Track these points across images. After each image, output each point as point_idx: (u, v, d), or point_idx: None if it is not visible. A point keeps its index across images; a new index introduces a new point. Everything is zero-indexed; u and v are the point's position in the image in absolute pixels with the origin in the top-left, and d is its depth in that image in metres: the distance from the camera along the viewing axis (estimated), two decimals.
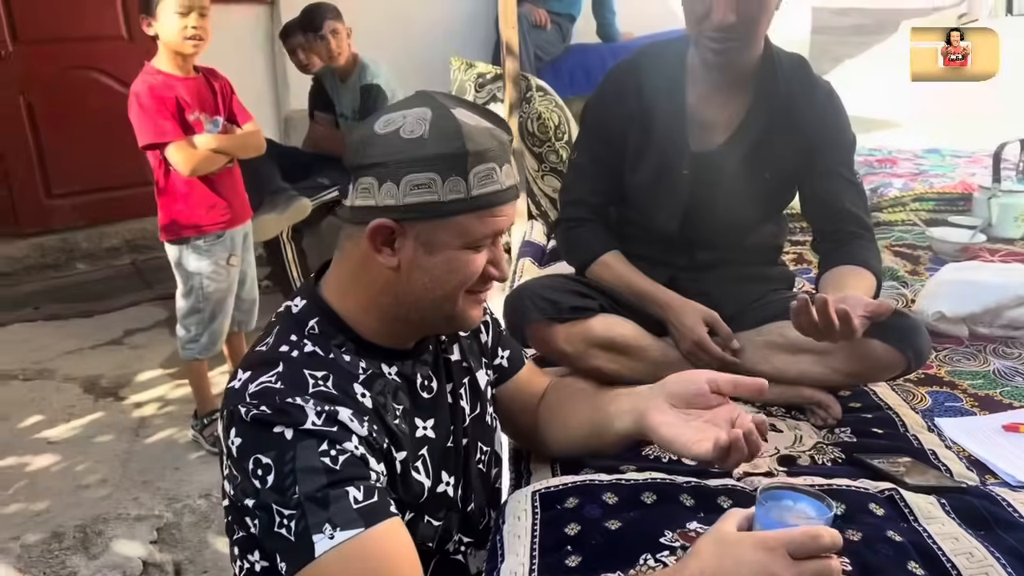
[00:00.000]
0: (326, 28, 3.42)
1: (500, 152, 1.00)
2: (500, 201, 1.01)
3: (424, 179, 0.97)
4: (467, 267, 1.02)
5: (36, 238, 4.25)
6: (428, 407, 1.10)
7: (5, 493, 2.41)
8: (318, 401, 0.94)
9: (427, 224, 0.99)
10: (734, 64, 1.54)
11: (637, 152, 1.68)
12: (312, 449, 0.91)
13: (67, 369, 3.19)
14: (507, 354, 1.30)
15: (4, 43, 4.03)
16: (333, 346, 1.03)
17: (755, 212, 1.68)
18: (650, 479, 1.24)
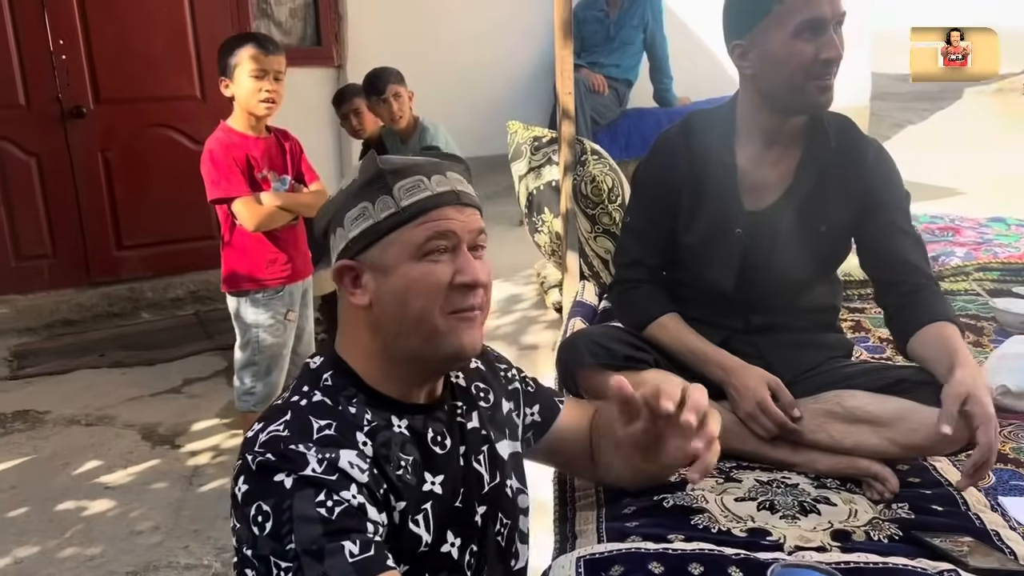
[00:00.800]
0: (389, 92, 3.53)
1: (429, 166, 1.05)
2: (433, 205, 1.02)
3: (358, 211, 1.04)
4: (426, 279, 1.02)
5: (105, 287, 4.42)
6: (439, 463, 1.09)
7: (62, 537, 2.46)
8: (320, 448, 0.96)
9: (374, 249, 1.03)
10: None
11: (689, 213, 1.69)
12: (309, 499, 0.92)
13: (127, 416, 3.27)
14: (536, 409, 1.31)
15: (87, 102, 4.25)
16: (343, 397, 1.04)
17: (811, 268, 1.67)
18: (698, 550, 1.22)
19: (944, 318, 1.53)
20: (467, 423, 1.16)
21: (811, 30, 1.47)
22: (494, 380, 1.26)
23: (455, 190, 1.05)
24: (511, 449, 1.22)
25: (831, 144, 1.60)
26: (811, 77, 1.50)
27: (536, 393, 1.33)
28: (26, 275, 4.26)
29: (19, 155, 4.17)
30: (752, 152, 1.64)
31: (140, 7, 4.30)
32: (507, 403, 1.26)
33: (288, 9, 4.69)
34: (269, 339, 2.71)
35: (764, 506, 1.41)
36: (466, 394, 1.19)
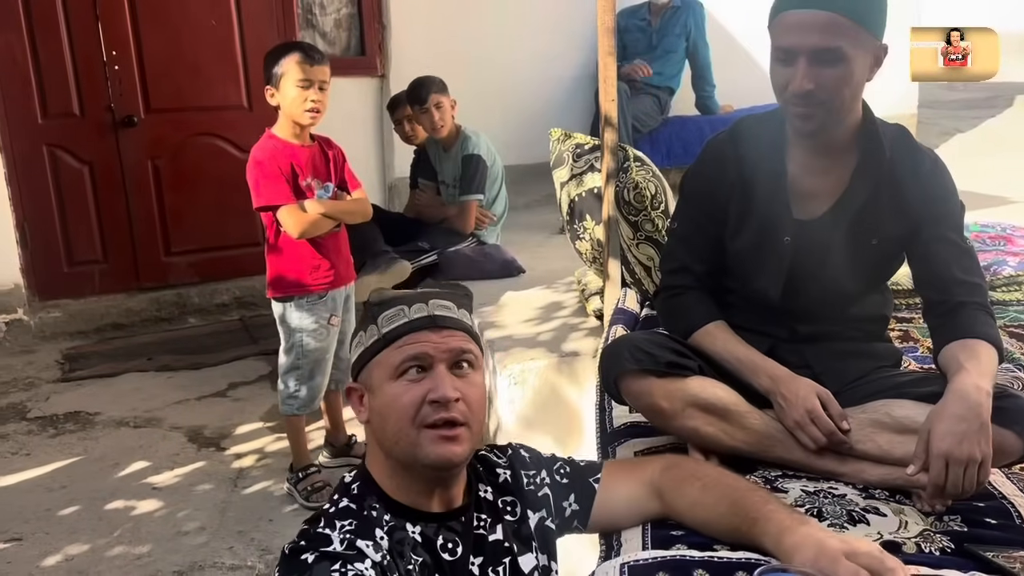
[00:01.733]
0: (431, 101, 3.56)
1: (413, 297, 1.19)
2: (407, 330, 1.15)
3: (358, 339, 1.22)
4: (400, 397, 1.13)
5: (153, 292, 4.51)
6: (447, 570, 1.15)
7: (111, 536, 2.51)
8: (343, 532, 1.08)
9: (365, 372, 1.19)
10: (825, 132, 1.54)
11: (738, 220, 1.68)
12: (325, 570, 1.02)
13: (174, 418, 3.33)
14: (572, 498, 1.33)
15: (138, 111, 4.35)
16: (366, 504, 1.15)
17: (860, 280, 1.65)
18: (744, 559, 1.20)
19: (973, 335, 1.49)
20: (489, 535, 1.22)
21: (783, 59, 1.50)
22: (520, 493, 1.29)
23: (431, 315, 1.17)
24: (537, 562, 1.24)
25: (885, 154, 1.57)
26: (787, 102, 1.52)
27: (571, 482, 1.35)
28: (78, 280, 4.37)
29: (73, 163, 4.28)
30: (803, 160, 1.62)
31: (190, 19, 4.39)
32: (536, 514, 1.29)
33: (333, 20, 4.75)
34: (313, 343, 2.75)
35: (812, 514, 1.39)
36: (492, 508, 1.25)
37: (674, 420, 1.55)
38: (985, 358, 1.46)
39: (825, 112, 1.50)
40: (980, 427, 1.34)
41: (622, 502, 1.34)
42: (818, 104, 1.48)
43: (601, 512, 1.34)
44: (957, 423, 1.34)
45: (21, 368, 3.90)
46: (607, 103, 2.36)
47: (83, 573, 2.33)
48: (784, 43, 1.49)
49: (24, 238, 4.20)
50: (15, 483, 2.84)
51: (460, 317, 1.20)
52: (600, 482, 1.35)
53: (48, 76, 4.15)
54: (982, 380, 1.40)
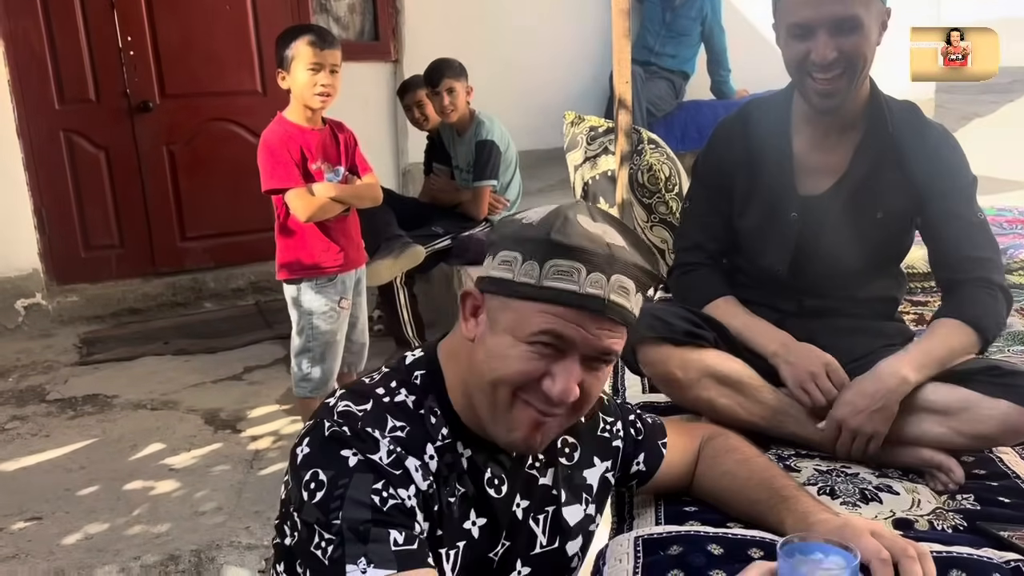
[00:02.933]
0: (443, 85, 3.56)
1: (599, 261, 0.94)
2: (568, 302, 0.93)
3: (509, 256, 0.98)
4: (513, 360, 0.96)
5: (169, 277, 4.54)
6: (489, 506, 1.05)
7: (130, 515, 2.54)
8: (393, 441, 0.96)
9: (497, 300, 0.99)
10: (844, 104, 1.55)
11: (744, 197, 1.71)
12: (367, 483, 0.92)
13: (190, 401, 3.36)
14: (641, 458, 1.27)
15: (153, 97, 4.38)
16: (427, 403, 1.03)
17: (868, 256, 1.66)
18: (758, 536, 1.21)
19: (956, 315, 1.52)
20: (539, 478, 1.11)
21: (800, 34, 1.51)
22: (589, 437, 1.19)
23: (605, 299, 0.94)
24: (583, 514, 1.16)
25: (889, 129, 1.58)
26: (806, 76, 1.52)
27: (643, 439, 1.27)
28: (95, 265, 4.40)
29: (89, 148, 4.31)
30: (808, 137, 1.64)
31: (204, 4, 4.40)
32: (603, 463, 1.20)
33: (347, 4, 4.75)
34: (323, 326, 2.76)
35: (824, 492, 1.40)
36: (549, 447, 1.11)
37: (689, 390, 1.55)
38: (943, 342, 1.50)
39: (847, 83, 1.52)
40: (881, 408, 1.43)
41: (676, 469, 1.31)
42: (840, 75, 1.50)
43: (661, 478, 1.29)
44: (860, 397, 1.45)
45: (40, 351, 3.94)
46: (621, 85, 2.36)
47: (103, 551, 2.36)
48: (799, 18, 1.50)
49: (42, 223, 4.23)
50: (35, 463, 2.88)
51: (632, 307, 0.98)
52: (667, 447, 1.30)
53: (64, 62, 4.17)
54: (911, 368, 1.45)
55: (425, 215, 3.71)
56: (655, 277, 1.02)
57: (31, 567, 2.28)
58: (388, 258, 3.32)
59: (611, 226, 1.00)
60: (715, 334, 1.61)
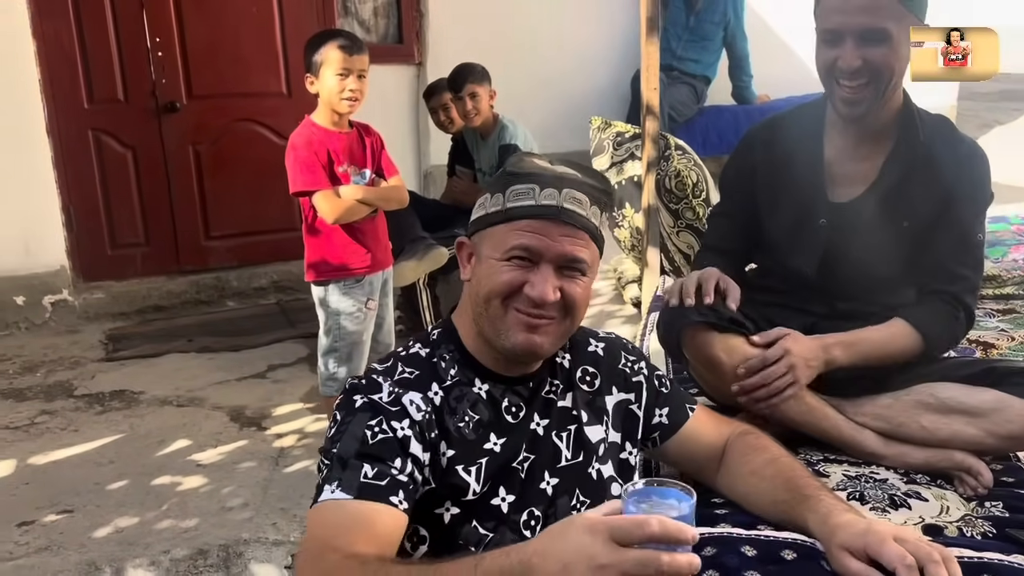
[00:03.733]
0: (465, 90, 3.59)
1: (549, 178, 1.13)
2: (529, 214, 1.12)
3: (483, 198, 1.20)
4: (497, 275, 1.13)
5: (193, 276, 4.59)
6: (506, 428, 1.19)
7: (159, 510, 2.58)
8: (395, 384, 1.14)
9: (479, 235, 1.18)
10: (870, 116, 1.58)
11: (772, 201, 1.74)
12: (364, 421, 1.09)
13: (215, 398, 3.41)
14: (665, 412, 1.33)
15: (180, 97, 4.43)
16: (441, 351, 1.20)
17: (895, 263, 1.67)
18: (790, 538, 1.23)
19: (912, 322, 1.58)
20: (557, 401, 1.24)
21: (829, 40, 1.55)
22: (610, 369, 1.31)
23: (560, 206, 1.12)
24: (605, 436, 1.26)
25: (920, 140, 1.61)
26: (834, 82, 1.56)
27: (669, 395, 1.35)
28: (121, 262, 4.46)
29: (117, 147, 4.37)
30: (841, 145, 1.67)
31: (231, 7, 4.46)
32: (622, 393, 1.30)
33: (371, 7, 4.80)
34: (350, 327, 2.80)
35: (853, 497, 1.42)
36: (566, 375, 1.27)
37: (730, 376, 1.56)
38: (885, 341, 1.58)
39: (873, 93, 1.54)
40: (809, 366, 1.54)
41: (701, 445, 1.35)
42: (866, 84, 1.53)
43: (680, 443, 1.34)
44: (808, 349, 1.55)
45: (67, 347, 4.00)
46: (649, 91, 2.38)
47: (133, 544, 2.40)
48: (830, 24, 1.54)
49: (70, 221, 4.29)
50: (65, 457, 2.92)
51: (589, 215, 1.15)
52: (694, 413, 1.35)
53: (94, 62, 4.24)
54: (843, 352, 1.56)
55: (447, 217, 3.75)
56: (607, 193, 1.20)
57: (63, 559, 2.32)
58: (412, 260, 3.36)
59: (568, 165, 1.19)
60: (755, 328, 1.63)
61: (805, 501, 1.19)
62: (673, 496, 0.86)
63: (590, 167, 1.22)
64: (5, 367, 3.75)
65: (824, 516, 1.14)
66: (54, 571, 2.27)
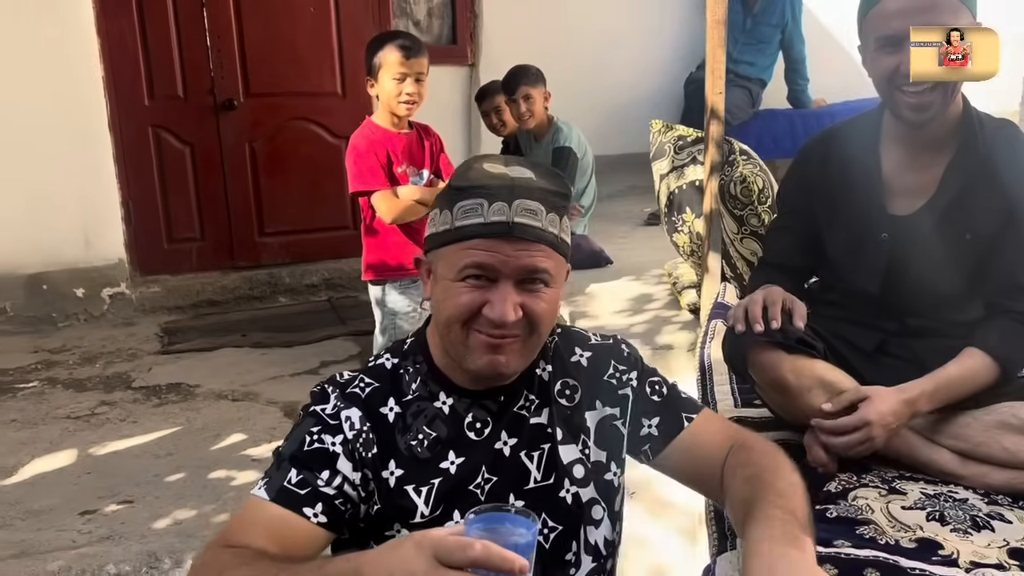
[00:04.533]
0: (519, 93, 3.59)
1: (498, 190, 1.05)
2: (478, 233, 1.04)
3: (433, 214, 1.13)
4: (454, 297, 1.07)
5: (247, 271, 4.66)
6: (466, 446, 1.13)
7: (216, 503, 2.62)
8: (342, 398, 1.11)
9: (433, 254, 1.12)
10: (936, 120, 1.52)
11: (831, 217, 1.69)
12: (307, 426, 1.09)
13: (269, 393, 3.44)
14: (655, 422, 1.23)
15: (237, 95, 4.49)
16: (409, 362, 1.16)
17: (959, 277, 1.62)
18: (872, 556, 1.20)
19: (982, 347, 1.52)
20: (530, 418, 1.17)
21: (889, 45, 1.49)
22: (594, 381, 1.22)
23: (510, 222, 1.04)
24: (585, 455, 1.17)
25: (980, 150, 1.55)
26: (896, 90, 1.50)
27: (662, 404, 1.24)
28: (176, 257, 4.55)
29: (175, 144, 4.45)
30: (898, 157, 1.62)
31: (289, 7, 4.51)
32: (606, 408, 1.21)
33: (426, 8, 4.82)
34: (406, 326, 2.81)
35: (933, 517, 1.38)
36: (544, 389, 1.19)
37: (800, 397, 1.53)
38: (965, 378, 1.51)
39: (941, 96, 1.49)
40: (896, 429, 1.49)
41: (698, 456, 1.22)
42: (932, 88, 1.47)
43: (677, 454, 1.22)
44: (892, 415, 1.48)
45: (124, 339, 4.08)
46: (714, 95, 2.35)
47: (192, 536, 2.43)
48: (890, 29, 1.48)
49: (128, 215, 4.38)
50: (125, 448, 2.98)
51: (545, 225, 1.06)
52: (692, 423, 1.23)
53: (156, 61, 4.33)
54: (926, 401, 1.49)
55: None
56: (563, 196, 1.10)
57: (125, 548, 2.36)
58: None
59: (522, 166, 1.10)
60: (824, 346, 1.60)
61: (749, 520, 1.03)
62: (521, 525, 0.84)
63: (545, 165, 1.13)
64: (66, 357, 3.84)
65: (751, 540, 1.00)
66: (116, 560, 2.30)
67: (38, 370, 3.70)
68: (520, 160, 1.13)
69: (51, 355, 3.87)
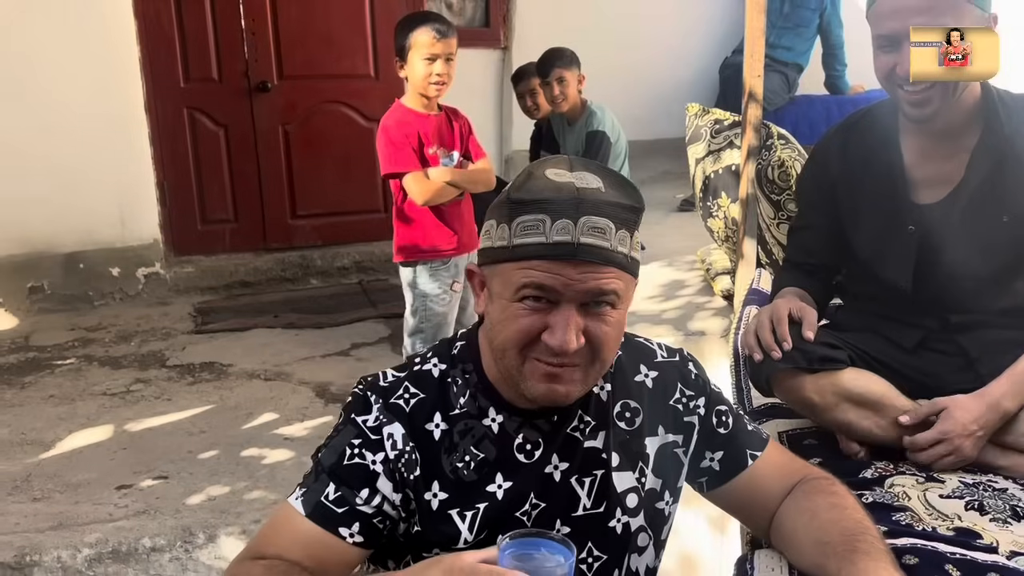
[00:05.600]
0: (552, 75, 3.58)
1: (563, 205, 0.94)
2: (539, 254, 0.95)
3: (488, 226, 1.03)
4: (512, 321, 0.98)
5: (279, 253, 4.69)
6: (515, 469, 1.06)
7: (248, 480, 2.65)
8: (384, 410, 1.04)
9: (487, 269, 1.04)
10: (941, 116, 1.49)
11: (853, 213, 1.66)
12: (348, 436, 1.04)
13: (301, 374, 3.48)
14: (718, 456, 1.17)
15: (271, 78, 4.52)
16: (459, 371, 1.08)
17: (998, 262, 1.57)
18: (909, 544, 1.19)
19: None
20: (584, 441, 1.09)
21: (886, 45, 1.47)
22: (658, 406, 1.14)
23: (575, 243, 0.94)
24: (640, 484, 1.11)
25: (1003, 128, 1.51)
26: (896, 87, 1.48)
27: (728, 438, 1.17)
28: (210, 238, 4.59)
29: (210, 126, 4.49)
30: (919, 146, 1.58)
31: None
32: (669, 435, 1.14)
33: None
34: (436, 308, 2.82)
35: (972, 506, 1.36)
36: (602, 410, 1.11)
37: (827, 413, 1.54)
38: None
39: (941, 92, 1.46)
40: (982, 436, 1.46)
41: (757, 496, 1.17)
42: (931, 85, 1.44)
43: (735, 491, 1.17)
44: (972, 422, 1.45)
45: (158, 319, 4.14)
46: (752, 78, 2.32)
47: (225, 512, 2.47)
48: (886, 29, 1.46)
49: (163, 196, 4.43)
50: (160, 424, 3.03)
51: (615, 245, 0.96)
52: (757, 460, 1.17)
53: (191, 43, 4.35)
54: (1012, 400, 1.46)
55: None
56: (635, 210, 1.00)
57: (160, 523, 2.40)
58: None
59: (589, 171, 1.00)
60: (853, 351, 1.57)
61: (851, 554, 1.00)
62: (558, 552, 0.82)
63: (616, 173, 1.03)
64: (102, 335, 3.90)
65: (852, 573, 0.97)
66: (151, 534, 2.35)
67: (75, 347, 3.76)
68: (587, 164, 1.03)
69: (87, 333, 3.93)
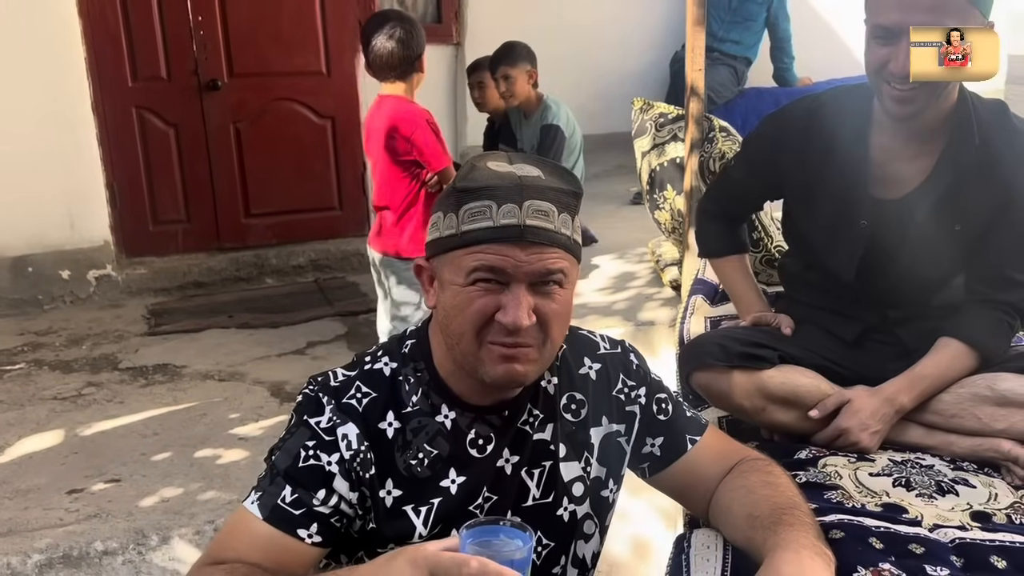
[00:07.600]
0: (498, 72, 3.61)
1: (507, 191, 0.99)
2: (488, 238, 0.99)
3: (435, 218, 1.06)
4: (466, 305, 1.01)
5: (233, 253, 4.65)
6: (468, 464, 1.09)
7: (202, 481, 2.64)
8: (338, 411, 1.05)
9: (436, 260, 1.06)
10: (922, 114, 1.47)
11: (806, 198, 1.65)
12: (302, 439, 1.04)
13: (256, 374, 3.46)
14: (658, 442, 1.22)
15: (221, 75, 4.47)
16: (410, 369, 1.10)
17: (943, 267, 1.60)
18: (837, 520, 1.23)
19: (965, 339, 1.53)
20: (533, 434, 1.13)
21: (883, 36, 1.43)
22: (602, 396, 1.19)
23: (521, 225, 0.99)
24: (585, 472, 1.16)
25: (975, 140, 1.49)
26: (883, 82, 1.45)
27: (667, 424, 1.22)
28: (162, 239, 4.53)
29: (160, 125, 4.43)
30: (887, 144, 1.55)
31: None
32: (612, 424, 1.18)
33: None
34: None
35: (899, 483, 1.41)
36: (549, 403, 1.15)
37: (758, 417, 1.58)
38: (944, 368, 1.52)
39: (927, 93, 1.43)
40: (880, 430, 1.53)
41: (697, 480, 1.22)
42: (920, 85, 1.41)
43: (676, 475, 1.22)
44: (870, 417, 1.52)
45: (110, 321, 4.08)
46: (694, 72, 2.37)
47: (179, 514, 2.45)
48: (885, 20, 1.41)
49: (113, 197, 4.36)
50: (112, 428, 2.99)
51: (558, 227, 1.01)
52: (696, 445, 1.22)
53: (138, 41, 4.28)
54: (908, 396, 1.52)
55: None
56: (575, 195, 1.05)
57: (112, 526, 2.38)
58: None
59: (528, 163, 1.05)
60: (784, 347, 1.60)
61: (775, 525, 1.04)
62: (516, 536, 0.84)
63: (555, 163, 1.09)
64: (52, 339, 3.84)
65: (775, 543, 1.01)
66: (103, 538, 2.33)
67: (24, 352, 3.70)
68: (526, 157, 1.08)
69: (37, 337, 3.87)
